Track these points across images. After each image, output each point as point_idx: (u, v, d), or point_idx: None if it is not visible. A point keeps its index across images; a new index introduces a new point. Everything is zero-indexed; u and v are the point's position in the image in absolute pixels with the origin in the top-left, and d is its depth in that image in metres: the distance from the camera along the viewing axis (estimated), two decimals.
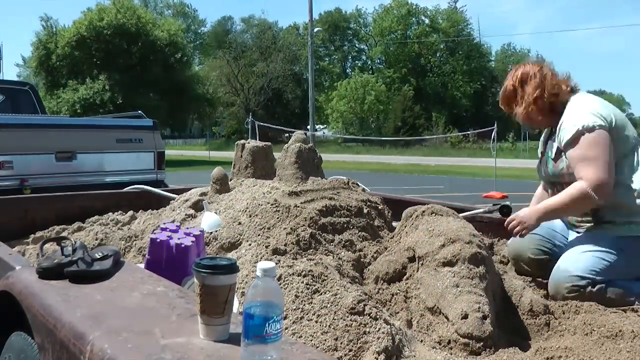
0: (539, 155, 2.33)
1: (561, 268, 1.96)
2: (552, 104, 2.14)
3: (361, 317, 1.44)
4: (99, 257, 1.52)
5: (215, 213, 2.58)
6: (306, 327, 1.44)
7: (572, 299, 1.86)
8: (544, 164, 2.23)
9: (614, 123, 2.00)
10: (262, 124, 18.45)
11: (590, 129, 1.98)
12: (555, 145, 2.13)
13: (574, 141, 2.00)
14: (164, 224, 1.96)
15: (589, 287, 1.89)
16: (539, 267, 2.17)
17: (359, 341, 1.39)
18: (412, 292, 1.76)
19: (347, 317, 1.44)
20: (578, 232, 2.16)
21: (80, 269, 1.44)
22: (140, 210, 3.27)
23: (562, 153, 2.08)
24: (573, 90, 2.16)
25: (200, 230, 1.94)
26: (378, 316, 1.46)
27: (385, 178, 15.19)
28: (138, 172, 5.20)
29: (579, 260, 1.94)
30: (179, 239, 1.83)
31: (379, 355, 1.35)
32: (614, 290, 1.90)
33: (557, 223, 2.26)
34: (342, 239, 2.15)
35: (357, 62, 54.18)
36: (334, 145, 35.97)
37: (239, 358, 0.97)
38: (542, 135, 2.36)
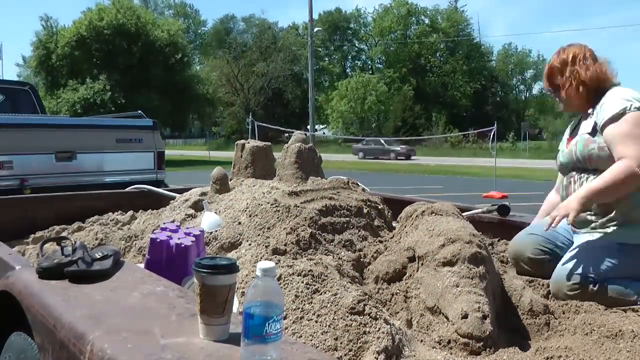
0: (565, 140, 2.26)
1: (564, 267, 1.96)
2: (596, 89, 2.10)
3: (361, 317, 1.44)
4: (99, 257, 1.52)
5: (215, 213, 2.58)
6: (306, 327, 1.44)
7: (574, 298, 1.86)
8: (574, 145, 2.13)
9: None
10: (262, 124, 18.44)
11: (635, 110, 1.94)
12: (591, 122, 2.06)
13: (616, 118, 1.95)
14: (164, 224, 1.96)
15: (591, 287, 1.89)
16: (539, 268, 2.17)
17: (359, 341, 1.39)
18: (412, 292, 1.76)
19: (347, 317, 1.44)
20: (580, 233, 2.14)
21: (80, 269, 1.44)
22: (140, 210, 3.27)
23: (598, 132, 2.02)
24: (614, 84, 2.14)
25: (200, 230, 1.94)
26: (378, 316, 1.46)
27: (385, 178, 15.19)
28: (138, 172, 5.20)
29: (582, 260, 1.94)
30: (179, 239, 1.83)
31: (379, 355, 1.35)
32: (615, 289, 1.90)
33: (560, 224, 2.25)
34: (342, 239, 2.15)
35: (357, 62, 54.23)
36: (334, 145, 35.98)
37: (239, 358, 0.97)
38: (571, 124, 2.32)
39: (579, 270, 1.91)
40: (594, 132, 2.05)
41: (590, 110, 2.12)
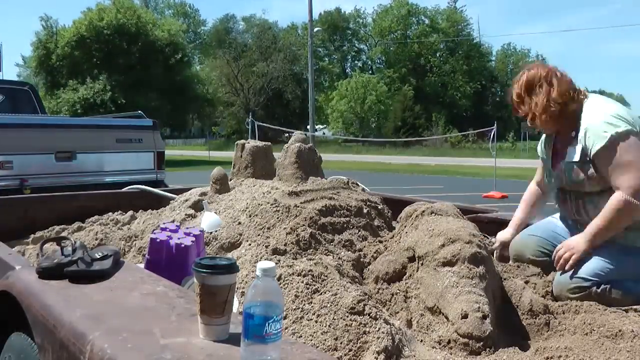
0: (549, 158, 2.22)
1: (567, 269, 1.96)
2: (562, 111, 2.04)
3: (361, 317, 1.44)
4: (98, 257, 1.52)
5: (215, 213, 2.58)
6: (306, 327, 1.44)
7: (576, 300, 1.86)
8: (562, 172, 2.10)
9: (637, 126, 1.94)
10: (262, 124, 18.44)
11: (623, 136, 1.90)
12: (578, 150, 2.00)
13: (606, 148, 1.91)
14: (164, 224, 1.96)
15: (594, 288, 1.89)
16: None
17: (359, 341, 1.39)
18: (412, 292, 1.76)
19: (347, 317, 1.44)
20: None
21: (80, 269, 1.44)
22: (140, 210, 3.27)
23: (587, 161, 1.98)
24: (584, 95, 2.07)
25: (200, 230, 1.94)
26: (378, 316, 1.46)
27: (385, 178, 15.18)
28: (138, 172, 5.20)
29: (585, 262, 1.93)
30: (179, 239, 1.83)
31: (378, 355, 1.35)
32: (617, 291, 1.89)
33: (559, 225, 2.24)
34: (342, 239, 2.15)
35: (357, 62, 54.21)
36: (334, 145, 35.96)
37: (239, 358, 0.97)
38: (542, 141, 2.28)
39: (582, 274, 1.91)
40: (582, 160, 2.00)
41: (573, 134, 2.04)
